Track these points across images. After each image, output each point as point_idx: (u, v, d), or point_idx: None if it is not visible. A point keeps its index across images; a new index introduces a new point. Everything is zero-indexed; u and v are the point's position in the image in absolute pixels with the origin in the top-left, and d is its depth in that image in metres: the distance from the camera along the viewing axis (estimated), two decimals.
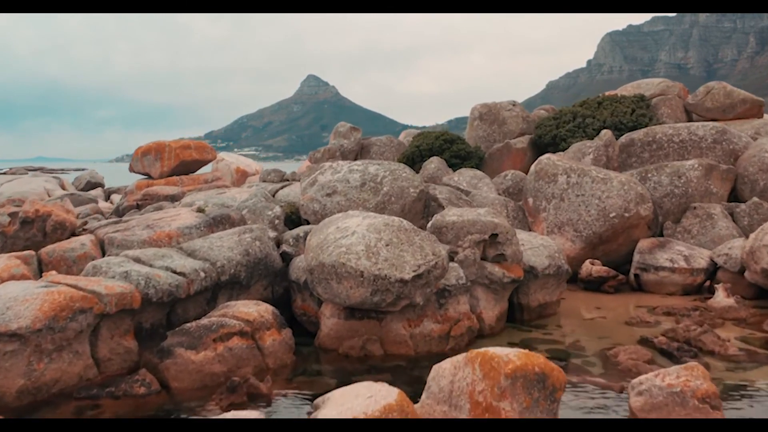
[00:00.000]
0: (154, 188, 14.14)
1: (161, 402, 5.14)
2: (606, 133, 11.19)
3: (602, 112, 12.94)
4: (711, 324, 7.07)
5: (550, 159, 10.09)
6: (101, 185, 24.69)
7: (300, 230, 8.37)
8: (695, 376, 4.33)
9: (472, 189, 11.14)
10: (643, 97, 13.77)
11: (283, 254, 7.47)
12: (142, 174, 16.84)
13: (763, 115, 13.81)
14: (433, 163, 11.99)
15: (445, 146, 12.75)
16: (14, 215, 7.77)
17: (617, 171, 11.35)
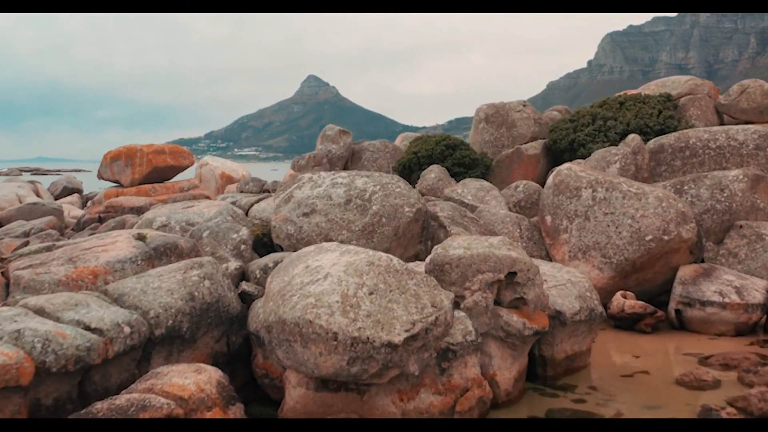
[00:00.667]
0: (119, 199, 12.62)
1: None
2: (634, 138, 9.64)
3: (625, 114, 11.38)
4: None
5: (572, 170, 8.53)
6: (78, 191, 23.11)
7: (269, 259, 6.83)
8: None
9: (479, 203, 9.59)
10: (669, 97, 12.22)
11: (243, 295, 5.92)
12: (112, 181, 15.31)
13: None
14: (433, 172, 10.42)
15: (447, 153, 11.18)
16: None
17: (647, 182, 9.80)
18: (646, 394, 5.61)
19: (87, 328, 4.64)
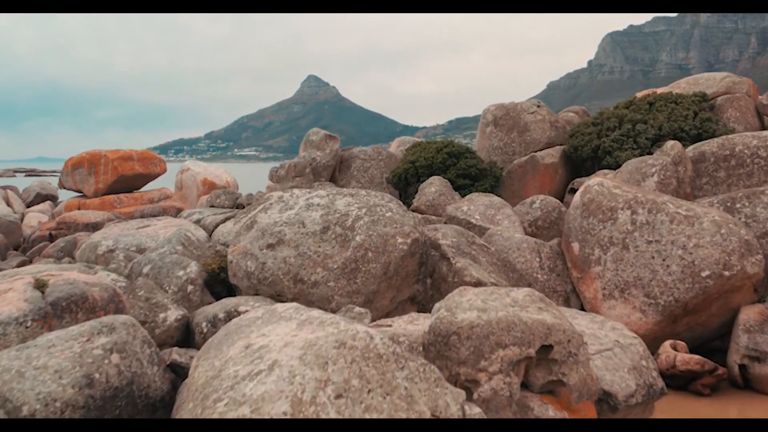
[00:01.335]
0: (73, 214, 11.01)
1: None
2: (674, 145, 8.06)
3: (656, 116, 9.79)
4: None
5: (604, 186, 6.95)
6: (53, 197, 21.48)
7: (220, 308, 5.29)
8: None
9: (488, 224, 8.02)
10: (705, 96, 10.62)
11: (175, 367, 4.34)
12: (75, 191, 13.72)
13: None
14: (434, 185, 8.82)
15: (450, 162, 9.56)
16: None
17: (689, 199, 8.23)
18: None
19: None
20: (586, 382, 3.77)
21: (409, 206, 9.53)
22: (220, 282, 6.15)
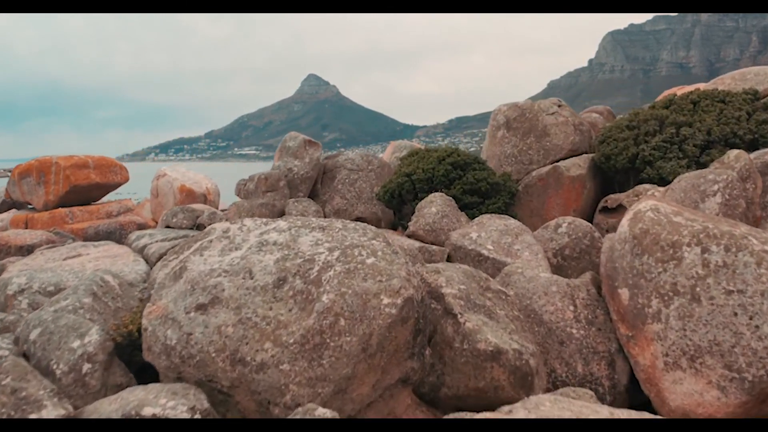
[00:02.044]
0: (5, 234, 9.29)
1: None
2: (739, 155, 6.35)
3: (703, 118, 8.06)
4: None
5: (661, 212, 5.23)
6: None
7: (117, 409, 3.59)
8: None
9: (504, 255, 6.31)
10: (756, 94, 8.90)
11: None
12: (23, 203, 12.02)
13: None
14: (435, 204, 7.07)
15: (455, 174, 7.78)
16: None
17: (759, 224, 6.52)
18: None
19: None
20: None
21: (404, 230, 7.82)
22: (138, 349, 4.44)
